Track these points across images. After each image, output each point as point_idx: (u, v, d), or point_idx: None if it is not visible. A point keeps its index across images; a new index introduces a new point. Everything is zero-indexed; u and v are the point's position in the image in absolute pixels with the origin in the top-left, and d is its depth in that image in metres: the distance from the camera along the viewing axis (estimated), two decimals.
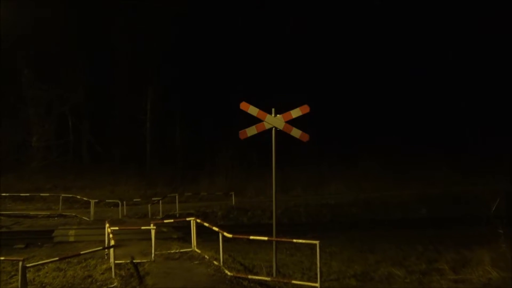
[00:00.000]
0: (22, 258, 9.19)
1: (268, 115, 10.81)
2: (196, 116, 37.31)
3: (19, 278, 8.98)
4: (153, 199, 25.16)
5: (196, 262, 12.00)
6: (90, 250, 10.95)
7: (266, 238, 10.98)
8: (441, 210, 24.54)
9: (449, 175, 32.24)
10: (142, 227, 13.69)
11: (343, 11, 39.30)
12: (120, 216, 22.37)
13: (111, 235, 11.48)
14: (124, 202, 23.46)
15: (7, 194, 25.68)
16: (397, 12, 39.37)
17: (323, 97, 34.81)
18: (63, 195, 24.83)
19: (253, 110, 10.84)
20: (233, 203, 25.73)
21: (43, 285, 10.35)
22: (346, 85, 38.53)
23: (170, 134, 37.59)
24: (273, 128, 10.81)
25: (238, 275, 10.67)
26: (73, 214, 22.99)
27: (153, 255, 12.34)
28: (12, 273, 11.12)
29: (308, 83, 36.74)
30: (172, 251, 13.19)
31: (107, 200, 25.66)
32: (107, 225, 12.77)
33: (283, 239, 11.34)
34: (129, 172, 32.71)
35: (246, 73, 36.67)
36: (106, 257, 12.30)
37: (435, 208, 24.89)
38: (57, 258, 10.47)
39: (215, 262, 11.70)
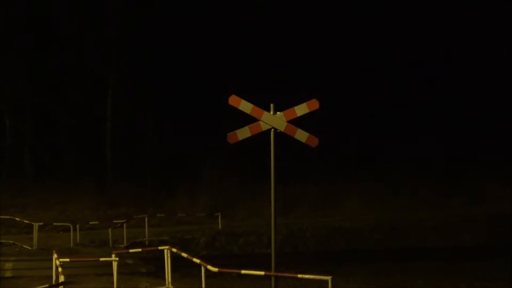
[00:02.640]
0: None
1: (265, 113, 10.77)
2: (173, 115, 37.22)
3: None
4: (115, 222, 25.07)
5: None
6: None
7: (262, 273, 10.92)
8: (491, 236, 24.56)
9: (500, 191, 32.27)
10: (101, 259, 13.61)
11: None
12: (72, 244, 22.27)
13: (60, 269, 11.40)
14: (78, 226, 23.34)
15: None
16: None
17: (337, 92, 34.84)
18: None
19: (245, 106, 10.81)
20: (220, 227, 25.68)
21: None
22: (367, 77, 38.58)
23: (138, 138, 37.46)
24: (272, 130, 10.79)
25: None
26: (11, 241, 22.81)
27: None
28: None
29: (318, 75, 36.75)
30: None
31: (55, 223, 25.50)
32: (55, 255, 12.69)
33: (284, 274, 11.30)
34: (85, 187, 32.59)
35: (237, 62, 36.70)
36: None
37: (482, 233, 24.91)
38: None
39: None
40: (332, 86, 35.02)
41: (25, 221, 24.28)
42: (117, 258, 12.54)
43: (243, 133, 10.81)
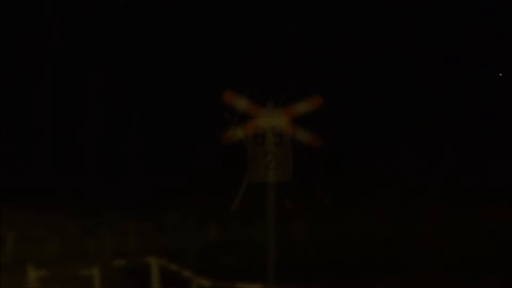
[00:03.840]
0: None
1: (263, 110, 10.86)
2: (162, 106, 37.21)
3: None
4: (96, 229, 25.14)
5: None
6: None
7: (260, 287, 11.03)
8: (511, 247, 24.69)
9: None
10: (82, 271, 13.70)
11: None
12: (49, 256, 22.32)
13: (36, 283, 11.49)
14: (55, 234, 23.41)
15: None
16: None
17: (345, 91, 34.87)
18: None
19: (241, 103, 10.91)
20: (213, 234, 25.76)
21: None
22: (380, 68, 38.63)
23: (121, 131, 37.43)
24: (271, 129, 10.86)
25: None
26: None
27: None
28: None
29: (322, 67, 36.80)
30: None
31: (29, 231, 25.60)
32: (30, 268, 12.77)
33: None
34: (62, 189, 32.63)
35: (233, 53, 36.72)
36: None
37: (502, 244, 25.02)
38: None
39: None
40: (338, 84, 35.08)
41: None
42: (99, 271, 12.62)
43: (239, 132, 10.91)
